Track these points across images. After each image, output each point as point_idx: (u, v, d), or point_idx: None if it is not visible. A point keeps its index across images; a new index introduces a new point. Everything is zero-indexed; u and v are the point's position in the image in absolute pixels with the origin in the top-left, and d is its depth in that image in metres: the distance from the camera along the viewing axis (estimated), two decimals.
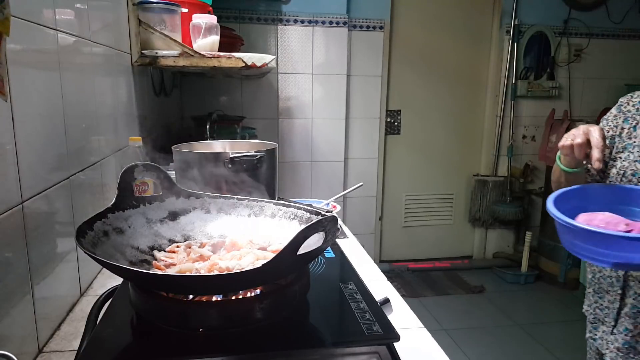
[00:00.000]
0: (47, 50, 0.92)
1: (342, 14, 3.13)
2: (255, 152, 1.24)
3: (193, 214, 0.95)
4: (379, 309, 0.78)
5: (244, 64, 1.66)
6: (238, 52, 1.86)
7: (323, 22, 3.12)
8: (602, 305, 1.24)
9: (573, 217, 0.93)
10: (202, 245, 0.88)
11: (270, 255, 0.80)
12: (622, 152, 1.17)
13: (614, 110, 1.25)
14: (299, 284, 0.76)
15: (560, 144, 1.05)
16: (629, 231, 0.89)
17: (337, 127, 3.31)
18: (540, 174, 3.92)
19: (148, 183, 1.23)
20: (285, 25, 3.09)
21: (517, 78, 3.70)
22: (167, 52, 1.59)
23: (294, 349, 0.67)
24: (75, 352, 0.77)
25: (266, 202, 0.97)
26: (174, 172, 1.29)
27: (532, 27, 3.62)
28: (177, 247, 0.87)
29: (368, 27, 3.26)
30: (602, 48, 3.75)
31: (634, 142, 1.14)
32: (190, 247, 0.87)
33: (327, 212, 0.98)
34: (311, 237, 0.63)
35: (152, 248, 0.86)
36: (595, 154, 0.98)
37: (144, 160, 1.19)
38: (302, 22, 3.10)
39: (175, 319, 0.69)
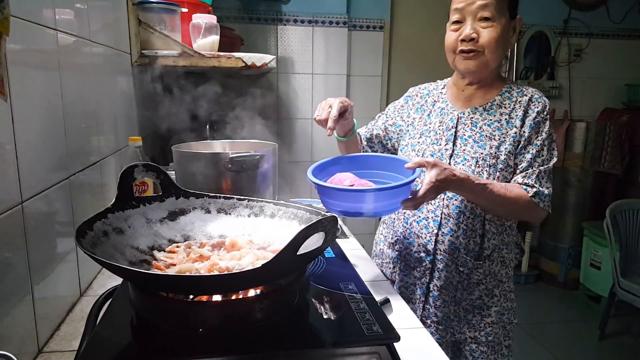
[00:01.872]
0: (46, 50, 0.92)
1: (342, 14, 3.13)
2: (255, 152, 1.24)
3: (193, 214, 0.95)
4: (379, 309, 0.78)
5: (243, 64, 1.66)
6: (238, 52, 1.85)
7: (323, 22, 3.12)
8: (407, 282, 1.36)
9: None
10: (202, 245, 0.88)
11: (270, 255, 0.80)
12: (420, 137, 1.34)
13: (401, 101, 1.47)
14: (298, 284, 0.76)
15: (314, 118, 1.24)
16: (351, 186, 1.07)
17: None
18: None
19: (148, 183, 1.24)
20: (285, 25, 3.09)
21: (517, 78, 3.70)
22: (167, 52, 1.60)
23: (294, 349, 0.67)
24: (75, 352, 0.77)
25: (266, 202, 0.97)
26: (173, 172, 1.29)
27: (532, 27, 3.63)
28: (177, 247, 0.87)
29: (368, 27, 3.26)
30: (602, 48, 3.75)
31: (429, 127, 1.34)
32: (190, 247, 0.87)
33: (326, 212, 0.98)
34: (311, 237, 0.63)
35: (152, 248, 0.86)
36: (329, 123, 1.19)
37: (144, 160, 1.19)
38: (302, 22, 3.10)
39: (175, 319, 0.69)
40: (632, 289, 2.71)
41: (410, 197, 1.07)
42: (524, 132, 1.23)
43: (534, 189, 1.20)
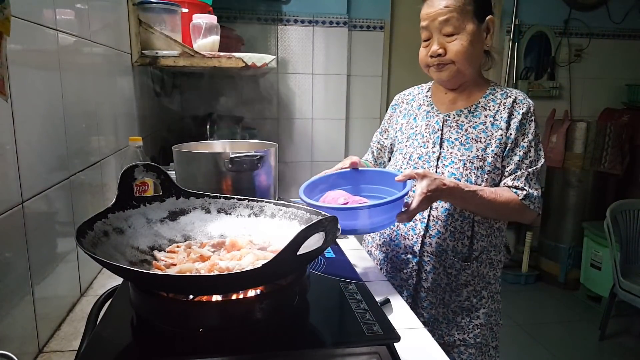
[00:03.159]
0: (47, 50, 0.92)
1: (342, 14, 3.13)
2: (255, 152, 1.24)
3: (193, 214, 0.95)
4: (379, 309, 0.78)
5: (244, 64, 1.66)
6: (238, 52, 1.85)
7: (323, 22, 3.12)
8: (394, 284, 1.35)
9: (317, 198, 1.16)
10: (202, 245, 0.88)
11: (270, 256, 0.80)
12: (407, 140, 1.37)
13: (389, 111, 1.49)
14: (299, 284, 0.76)
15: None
16: (345, 204, 1.08)
17: (337, 127, 3.30)
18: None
19: (148, 183, 1.24)
20: (285, 25, 3.09)
21: (518, 78, 3.70)
22: (168, 52, 1.60)
23: (294, 349, 0.67)
24: (76, 352, 0.77)
25: (266, 202, 0.97)
26: (174, 172, 1.29)
27: (533, 27, 3.63)
28: (177, 247, 0.87)
29: (368, 27, 3.26)
30: (603, 48, 3.75)
31: (416, 130, 1.36)
32: (190, 247, 0.87)
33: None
34: (311, 238, 0.63)
35: (152, 248, 0.86)
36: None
37: (144, 160, 1.19)
38: (303, 22, 3.10)
39: (175, 319, 0.69)
40: (633, 289, 2.71)
41: (404, 209, 1.08)
42: (510, 134, 1.24)
43: (524, 192, 1.22)
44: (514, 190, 1.22)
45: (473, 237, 1.27)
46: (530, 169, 1.23)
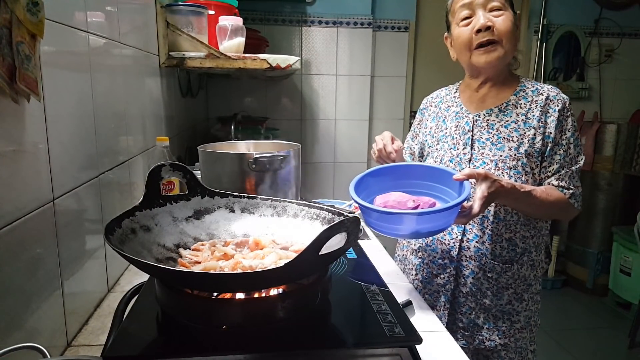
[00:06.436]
0: (78, 52, 0.95)
1: (366, 14, 3.12)
2: (279, 152, 1.25)
3: (217, 213, 0.96)
4: (401, 311, 0.78)
5: (268, 65, 1.67)
6: (263, 53, 1.87)
7: (348, 23, 3.12)
8: (431, 290, 1.33)
9: (368, 194, 1.11)
10: (226, 244, 0.89)
11: (292, 255, 0.80)
12: (437, 144, 1.34)
13: (418, 116, 1.48)
14: (320, 284, 0.76)
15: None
16: (416, 207, 1.02)
17: (361, 128, 3.30)
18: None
19: (174, 182, 1.26)
20: (310, 26, 3.10)
21: (546, 79, 3.62)
22: (194, 54, 1.62)
23: (316, 348, 0.67)
24: (103, 346, 0.79)
25: (289, 202, 0.98)
26: (199, 171, 1.31)
27: (562, 27, 3.54)
28: (202, 245, 0.89)
29: (393, 27, 3.24)
30: (635, 48, 3.64)
31: (446, 133, 1.33)
32: (214, 246, 0.88)
33: (349, 213, 0.98)
34: (333, 238, 0.63)
35: (178, 246, 0.87)
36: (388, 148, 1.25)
37: (171, 160, 1.21)
38: (327, 23, 3.10)
39: (200, 315, 0.70)
40: None
41: (462, 212, 1.03)
42: (550, 133, 1.20)
43: (571, 191, 1.21)
44: (560, 189, 1.21)
45: (514, 239, 1.24)
46: (573, 167, 1.22)
